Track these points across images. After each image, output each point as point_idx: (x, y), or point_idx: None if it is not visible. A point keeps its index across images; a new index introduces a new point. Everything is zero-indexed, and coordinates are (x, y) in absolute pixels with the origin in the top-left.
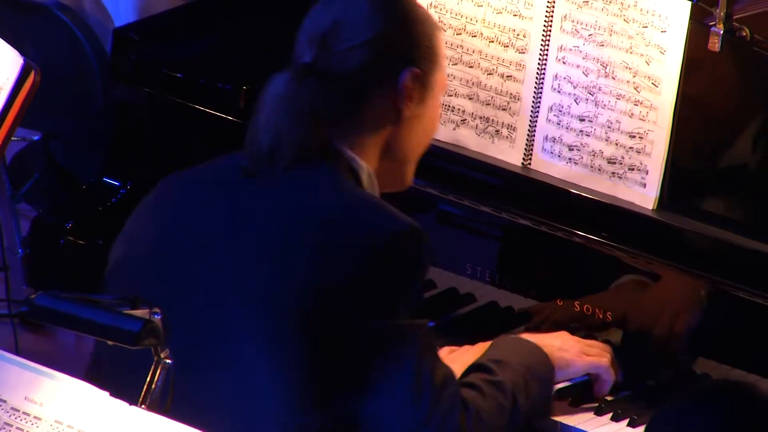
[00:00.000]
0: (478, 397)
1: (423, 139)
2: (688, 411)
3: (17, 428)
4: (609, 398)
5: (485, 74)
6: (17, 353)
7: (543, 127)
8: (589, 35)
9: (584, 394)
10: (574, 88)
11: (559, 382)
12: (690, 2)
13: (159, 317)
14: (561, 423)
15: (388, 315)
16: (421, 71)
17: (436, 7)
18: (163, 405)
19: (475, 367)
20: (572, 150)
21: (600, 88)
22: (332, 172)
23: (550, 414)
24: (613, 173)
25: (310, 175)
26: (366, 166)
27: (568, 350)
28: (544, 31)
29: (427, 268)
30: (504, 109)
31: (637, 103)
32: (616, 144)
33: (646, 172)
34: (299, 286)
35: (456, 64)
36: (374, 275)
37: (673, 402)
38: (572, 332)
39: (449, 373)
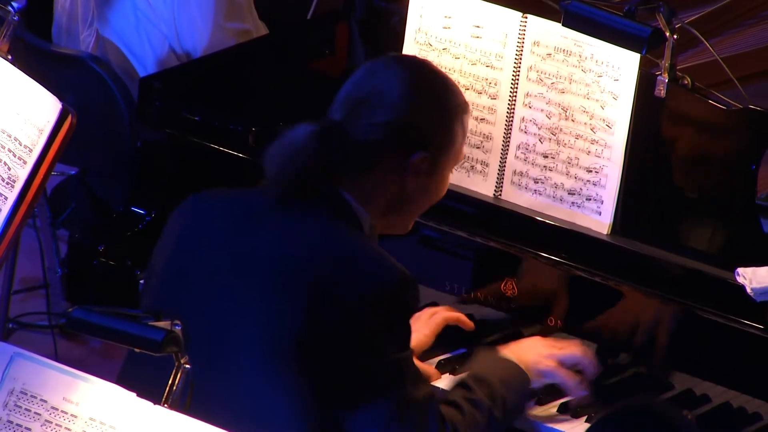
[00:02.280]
0: (457, 414)
1: (426, 203)
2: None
3: (56, 425)
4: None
5: None
6: (56, 359)
7: (512, 163)
8: (552, 83)
9: (552, 392)
10: (539, 129)
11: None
12: (639, 54)
13: (179, 328)
14: (532, 419)
15: (381, 354)
16: (430, 155)
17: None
18: (183, 404)
19: (458, 385)
20: (537, 183)
21: (561, 129)
22: (337, 220)
23: (525, 413)
24: (572, 203)
25: (318, 218)
26: (368, 217)
27: (542, 361)
28: (512, 79)
29: (415, 310)
30: (478, 148)
31: (593, 142)
32: (576, 177)
33: (602, 202)
34: (298, 322)
35: None
36: (369, 320)
37: (601, 418)
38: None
39: (430, 392)
